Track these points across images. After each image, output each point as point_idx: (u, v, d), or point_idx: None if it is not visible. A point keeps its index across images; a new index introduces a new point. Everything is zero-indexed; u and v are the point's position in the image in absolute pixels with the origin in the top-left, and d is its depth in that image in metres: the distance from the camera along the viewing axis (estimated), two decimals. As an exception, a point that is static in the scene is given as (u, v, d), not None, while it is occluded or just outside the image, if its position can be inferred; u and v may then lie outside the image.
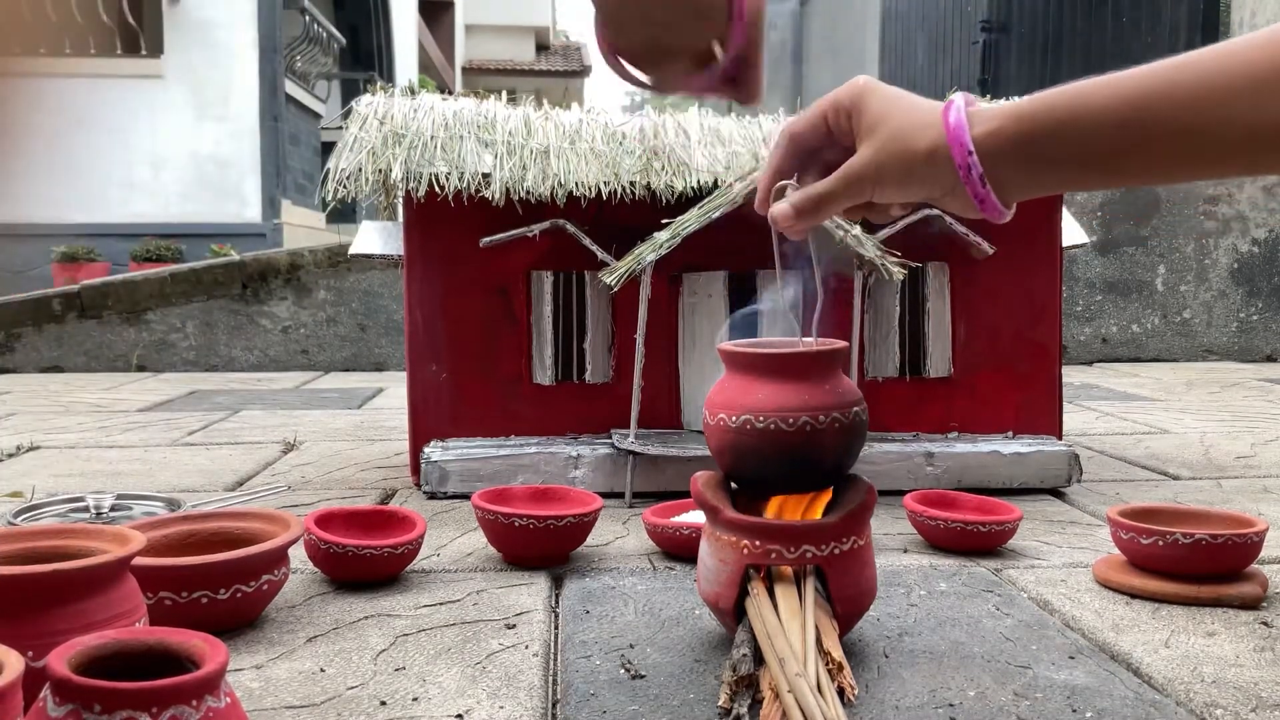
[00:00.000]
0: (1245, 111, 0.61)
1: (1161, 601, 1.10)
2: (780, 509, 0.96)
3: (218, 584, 0.98)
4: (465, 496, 1.55)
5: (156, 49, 7.09)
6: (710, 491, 0.95)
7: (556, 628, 1.04)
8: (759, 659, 0.84)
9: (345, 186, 1.56)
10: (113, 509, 1.39)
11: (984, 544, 1.30)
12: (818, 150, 0.78)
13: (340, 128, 1.70)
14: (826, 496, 0.96)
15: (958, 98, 0.70)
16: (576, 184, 1.60)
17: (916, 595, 1.14)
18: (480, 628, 1.03)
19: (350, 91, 8.98)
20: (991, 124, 0.68)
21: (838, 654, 0.86)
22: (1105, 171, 0.68)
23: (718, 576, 0.93)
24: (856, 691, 0.85)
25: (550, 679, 0.91)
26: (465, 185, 1.59)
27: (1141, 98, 0.64)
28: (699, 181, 1.62)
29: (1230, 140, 0.62)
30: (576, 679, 0.90)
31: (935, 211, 1.62)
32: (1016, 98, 1.03)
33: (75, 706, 0.57)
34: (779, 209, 0.79)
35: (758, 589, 0.91)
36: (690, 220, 1.52)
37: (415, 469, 1.67)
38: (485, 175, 1.60)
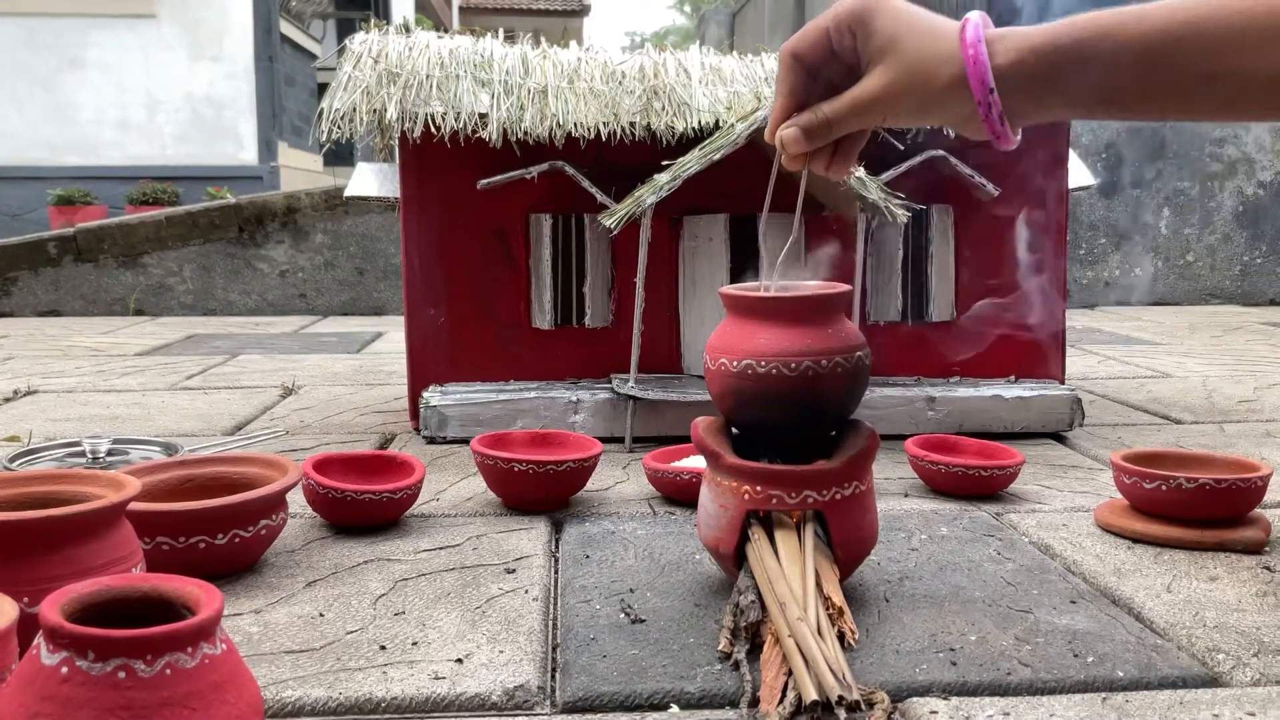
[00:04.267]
0: (1267, 60, 0.59)
1: (1164, 546, 1.10)
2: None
3: (215, 529, 0.97)
4: (464, 441, 1.55)
5: (148, -14, 6.98)
6: (711, 437, 0.94)
7: (556, 572, 1.04)
8: (765, 605, 0.84)
9: (339, 127, 1.53)
10: (109, 453, 1.38)
11: (985, 488, 1.29)
12: (821, 68, 0.75)
13: (335, 68, 1.67)
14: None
15: (975, 20, 0.68)
16: (575, 124, 1.57)
17: (917, 540, 1.13)
18: (480, 572, 1.03)
19: (346, 31, 8.85)
20: (1011, 56, 0.66)
21: (838, 598, 0.86)
22: (1121, 108, 0.66)
23: (718, 521, 0.92)
24: (857, 635, 0.84)
25: (550, 623, 0.91)
26: (462, 126, 1.56)
27: (1165, 39, 0.62)
28: (700, 122, 1.59)
29: (1250, 87, 0.61)
30: (576, 623, 0.90)
31: (940, 153, 1.59)
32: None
33: (68, 654, 0.56)
34: (788, 134, 0.76)
35: (758, 534, 0.91)
36: (691, 162, 1.49)
37: (414, 413, 1.67)
38: (482, 115, 1.57)
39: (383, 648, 0.84)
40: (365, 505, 1.14)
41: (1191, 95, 0.63)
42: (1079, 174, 1.79)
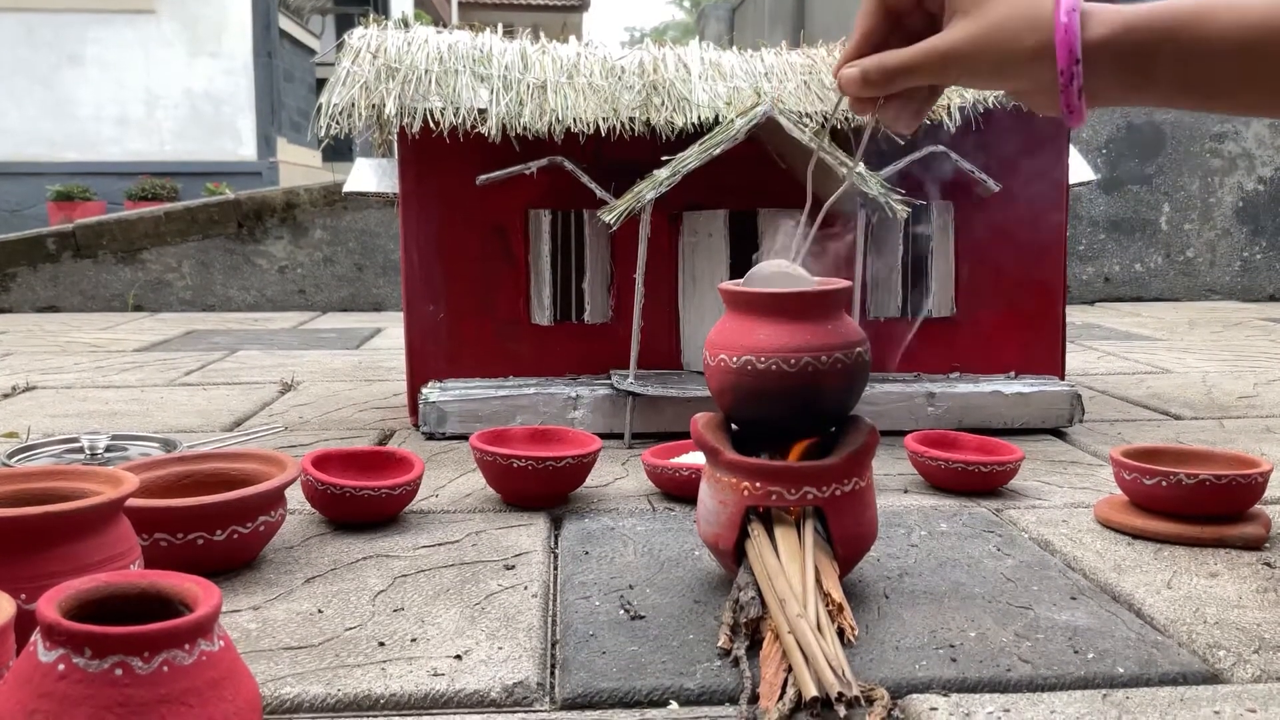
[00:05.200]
0: None
1: (1164, 542, 1.10)
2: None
3: (214, 525, 0.97)
4: (463, 437, 1.54)
5: (147, -18, 6.97)
6: (710, 433, 0.94)
7: (555, 568, 1.04)
8: (764, 602, 0.84)
9: (338, 122, 1.53)
10: (108, 450, 1.38)
11: (985, 484, 1.29)
12: (905, 16, 0.73)
13: (333, 63, 1.67)
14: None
15: None
16: (575, 120, 1.57)
17: (917, 536, 1.13)
18: (479, 568, 1.03)
19: (344, 26, 8.84)
20: (1102, 30, 0.64)
21: (838, 595, 0.86)
22: (1206, 98, 0.64)
23: (718, 518, 0.92)
24: (856, 632, 0.84)
25: (549, 620, 0.91)
26: (461, 121, 1.55)
27: (1266, 30, 0.60)
28: (700, 117, 1.58)
29: None
30: (576, 620, 0.90)
31: (940, 149, 1.59)
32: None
33: (65, 651, 0.56)
34: (847, 74, 0.74)
35: (757, 530, 0.90)
36: (691, 157, 1.49)
37: (413, 410, 1.67)
38: (481, 111, 1.57)
39: (381, 644, 0.84)
40: (364, 501, 1.14)
41: None
42: (1079, 169, 1.78)
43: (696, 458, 1.25)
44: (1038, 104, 0.69)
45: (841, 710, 0.70)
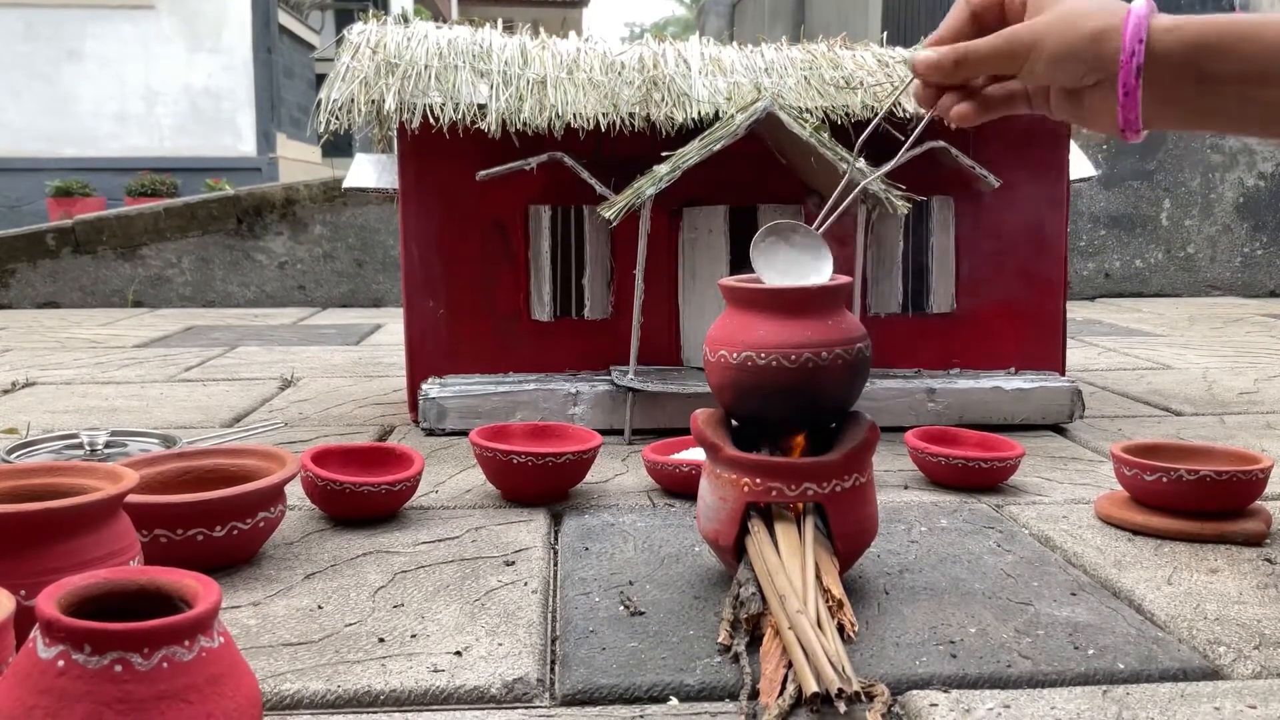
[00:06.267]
0: None
1: (1164, 538, 1.10)
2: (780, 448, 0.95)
3: (213, 521, 0.97)
4: (463, 433, 1.54)
5: (146, -23, 6.96)
6: (711, 429, 0.94)
7: (555, 565, 1.04)
8: (765, 598, 0.84)
9: (338, 118, 1.53)
10: (108, 446, 1.38)
11: (985, 480, 1.29)
12: (991, 24, 0.76)
13: (333, 59, 1.66)
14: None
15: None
16: (574, 115, 1.56)
17: (917, 532, 1.13)
18: (479, 565, 1.03)
19: (344, 22, 8.83)
20: (1171, 21, 0.67)
21: (838, 591, 0.86)
22: (1265, 104, 0.66)
23: (718, 514, 0.92)
24: (857, 628, 0.84)
25: (549, 616, 0.91)
26: (460, 117, 1.55)
27: None
28: (700, 113, 1.58)
29: None
30: (576, 616, 0.90)
31: (941, 144, 1.59)
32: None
33: (65, 647, 0.56)
34: (922, 56, 0.76)
35: (758, 526, 0.90)
36: (691, 153, 1.49)
37: (413, 406, 1.66)
38: (481, 106, 1.56)
39: (381, 640, 0.84)
40: (364, 497, 1.14)
41: None
42: (1080, 165, 1.78)
43: (696, 454, 1.25)
44: (1096, 113, 0.71)
45: (842, 706, 0.70)
